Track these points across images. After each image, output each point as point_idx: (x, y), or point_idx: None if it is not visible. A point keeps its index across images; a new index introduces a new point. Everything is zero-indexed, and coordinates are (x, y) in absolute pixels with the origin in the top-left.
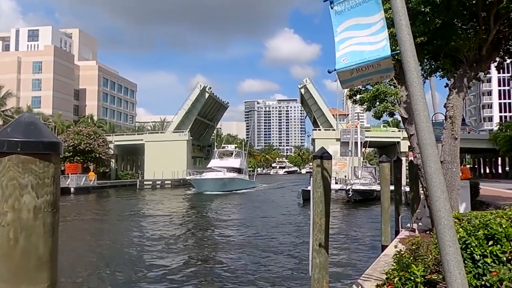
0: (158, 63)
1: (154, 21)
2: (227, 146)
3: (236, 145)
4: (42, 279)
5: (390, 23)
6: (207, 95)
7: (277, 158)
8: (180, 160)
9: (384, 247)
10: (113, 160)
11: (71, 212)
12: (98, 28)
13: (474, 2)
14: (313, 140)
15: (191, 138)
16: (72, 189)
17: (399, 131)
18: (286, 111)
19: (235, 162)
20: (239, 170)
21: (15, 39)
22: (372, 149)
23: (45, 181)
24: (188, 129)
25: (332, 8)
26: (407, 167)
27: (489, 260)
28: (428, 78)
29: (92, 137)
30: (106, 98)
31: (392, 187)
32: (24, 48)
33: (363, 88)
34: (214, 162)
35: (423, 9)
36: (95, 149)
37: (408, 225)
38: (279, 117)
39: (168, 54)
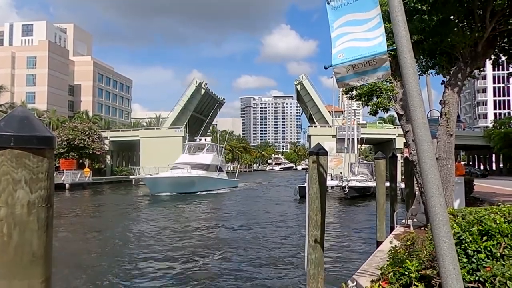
0: (153, 59)
1: (150, 16)
2: (200, 139)
3: (211, 137)
4: (36, 274)
5: (386, 17)
6: (203, 91)
7: (273, 155)
8: (176, 156)
9: (379, 243)
10: (109, 156)
11: (65, 207)
12: (93, 22)
13: None
14: (309, 136)
15: (187, 134)
16: (67, 185)
17: (395, 128)
18: (282, 107)
19: (205, 158)
20: (211, 167)
21: (9, 34)
22: (368, 145)
23: (39, 176)
24: (184, 125)
25: (328, 3)
26: (402, 164)
27: (483, 256)
28: (424, 74)
29: (87, 133)
30: (101, 93)
31: (387, 184)
32: (18, 43)
33: (360, 85)
34: (182, 158)
35: (419, 7)
36: (89, 145)
37: (403, 221)
38: (275, 113)
39: (164, 50)
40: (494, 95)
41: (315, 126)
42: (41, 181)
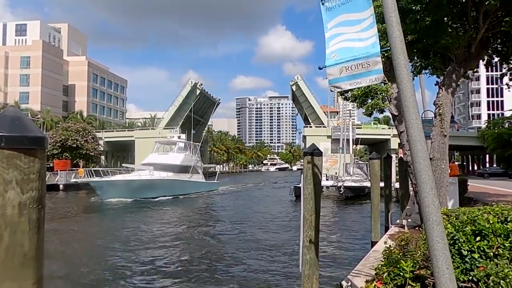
0: (149, 59)
1: (146, 16)
2: (172, 136)
3: (185, 134)
4: (28, 276)
5: (380, 19)
6: (198, 91)
7: (268, 155)
8: None
9: (374, 243)
10: (103, 157)
11: (58, 208)
12: (89, 23)
13: (463, 0)
14: (304, 137)
15: (182, 134)
16: (61, 186)
17: (389, 128)
18: (277, 108)
19: (174, 158)
20: (181, 168)
21: (2, 33)
22: (363, 146)
23: (30, 176)
24: (179, 126)
25: (323, 4)
26: (397, 164)
27: (476, 256)
28: (418, 75)
29: (81, 133)
30: (96, 94)
31: (382, 184)
32: (12, 43)
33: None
34: (150, 158)
35: (413, 8)
36: (83, 146)
37: (398, 221)
38: (270, 114)
39: (160, 50)
40: (488, 96)
41: (310, 127)
42: (33, 182)
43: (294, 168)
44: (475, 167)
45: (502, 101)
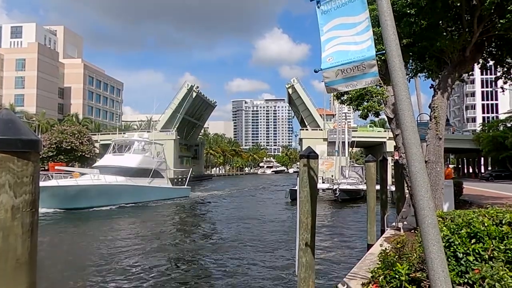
0: (146, 62)
1: (142, 20)
2: (132, 134)
3: (147, 131)
4: (20, 281)
5: (376, 22)
6: (194, 94)
7: (264, 158)
8: (167, 160)
9: (369, 246)
10: (99, 159)
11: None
12: (85, 25)
13: (458, 4)
14: (301, 140)
15: (178, 137)
16: None
17: (385, 131)
18: (273, 110)
19: (130, 160)
20: (138, 172)
21: None
22: (359, 148)
23: (23, 180)
24: (175, 128)
25: (318, 7)
26: (392, 167)
27: (471, 258)
28: (414, 78)
29: (76, 135)
30: (91, 96)
31: (378, 187)
32: (7, 45)
33: (348, 90)
34: (104, 160)
35: (408, 11)
36: (78, 147)
37: (394, 224)
38: (266, 116)
39: (156, 53)
40: (483, 99)
41: (307, 129)
42: (26, 185)
43: (291, 170)
44: (470, 170)
45: (496, 104)
